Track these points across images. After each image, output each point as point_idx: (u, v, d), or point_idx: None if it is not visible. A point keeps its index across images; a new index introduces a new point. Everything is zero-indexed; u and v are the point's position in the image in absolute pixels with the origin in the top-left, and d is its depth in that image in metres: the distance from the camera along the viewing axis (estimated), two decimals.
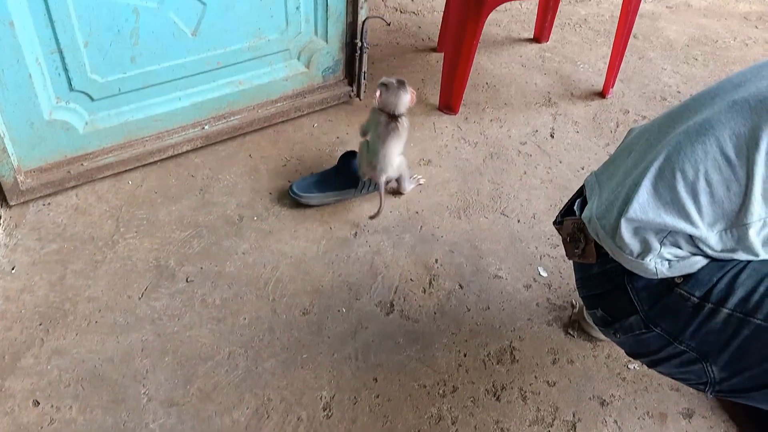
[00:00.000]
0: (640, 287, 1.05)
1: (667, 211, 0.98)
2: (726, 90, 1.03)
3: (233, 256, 1.62)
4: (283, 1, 1.81)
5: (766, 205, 0.93)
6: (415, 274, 1.62)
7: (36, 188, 1.68)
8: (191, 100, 1.83)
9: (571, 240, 1.16)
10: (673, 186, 0.97)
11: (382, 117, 1.71)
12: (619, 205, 1.03)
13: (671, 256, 1.00)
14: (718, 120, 0.97)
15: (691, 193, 0.96)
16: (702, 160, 0.96)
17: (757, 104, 0.95)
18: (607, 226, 1.05)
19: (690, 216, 0.96)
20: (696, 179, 0.96)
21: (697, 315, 1.00)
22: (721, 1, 2.99)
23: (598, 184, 1.14)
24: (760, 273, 0.98)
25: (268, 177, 1.85)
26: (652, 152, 1.03)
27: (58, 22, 1.50)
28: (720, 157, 0.95)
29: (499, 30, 2.60)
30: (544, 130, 2.10)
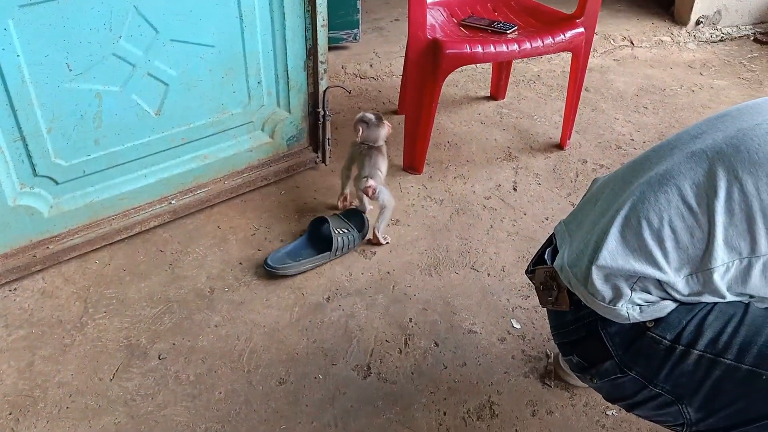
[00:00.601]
0: (613, 332, 1.07)
1: (635, 257, 1.01)
2: (684, 141, 1.09)
3: (206, 330, 1.61)
4: (245, 77, 1.86)
5: (728, 250, 0.97)
6: (390, 334, 1.63)
7: (1, 274, 1.66)
8: (157, 177, 1.85)
9: (544, 288, 1.18)
10: (639, 233, 1.02)
11: (363, 147, 1.89)
12: (589, 253, 1.06)
13: (642, 301, 1.03)
14: (678, 170, 1.03)
15: (656, 240, 1.00)
16: (665, 209, 1.01)
17: (713, 155, 1.01)
18: (578, 274, 1.08)
19: (657, 262, 1.00)
20: (661, 227, 1.00)
21: (670, 357, 1.02)
22: (665, 52, 3.13)
23: (568, 233, 1.18)
24: (726, 314, 1.01)
25: (238, 247, 1.86)
26: (618, 201, 1.08)
27: (20, 111, 1.52)
28: (682, 205, 1.00)
29: (457, 90, 2.68)
30: (507, 183, 2.15)
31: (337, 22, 2.74)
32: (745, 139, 1.00)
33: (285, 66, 1.92)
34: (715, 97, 2.74)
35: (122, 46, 1.60)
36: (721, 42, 3.28)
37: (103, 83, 1.62)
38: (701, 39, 3.26)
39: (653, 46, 3.17)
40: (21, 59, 1.48)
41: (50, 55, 1.51)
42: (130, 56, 1.63)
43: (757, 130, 1.01)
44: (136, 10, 1.58)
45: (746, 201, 0.96)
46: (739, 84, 2.87)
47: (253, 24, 1.80)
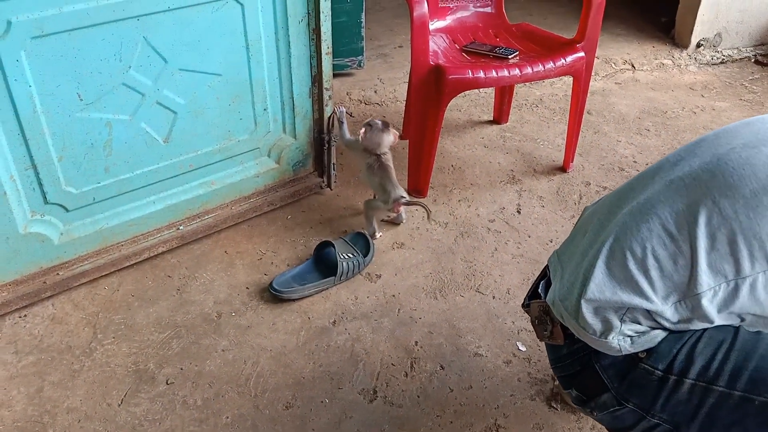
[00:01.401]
0: (607, 365, 1.08)
1: (622, 288, 1.02)
2: (664, 169, 1.11)
3: (213, 354, 1.62)
4: (251, 104, 1.90)
5: (714, 275, 0.98)
6: (396, 358, 1.64)
7: (12, 301, 1.69)
8: (165, 203, 1.88)
9: (539, 323, 1.19)
10: (624, 264, 1.03)
11: (369, 159, 1.95)
12: (578, 287, 1.07)
13: (632, 332, 1.04)
14: (657, 199, 1.05)
15: (641, 270, 1.01)
16: (647, 238, 1.02)
17: (691, 182, 1.03)
18: (569, 308, 1.08)
19: (644, 292, 1.01)
20: (644, 256, 1.01)
21: (664, 387, 1.03)
22: (666, 75, 3.17)
23: (560, 265, 1.19)
24: (715, 340, 1.01)
25: (245, 272, 1.87)
26: (603, 233, 1.09)
27: (32, 140, 1.56)
28: (663, 233, 1.01)
29: (460, 114, 2.72)
30: (511, 206, 2.17)
31: (341, 50, 2.79)
32: (719, 164, 1.02)
33: (291, 93, 1.96)
34: (716, 119, 2.77)
35: (132, 76, 1.64)
36: (722, 64, 3.31)
37: (114, 112, 1.65)
38: (702, 61, 3.29)
39: (654, 69, 3.20)
40: (33, 89, 1.51)
41: (61, 86, 1.55)
42: (140, 86, 1.66)
43: (732, 154, 1.02)
44: (146, 41, 1.62)
45: (726, 224, 0.97)
46: (741, 105, 2.89)
47: (260, 53, 1.83)
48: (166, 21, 1.63)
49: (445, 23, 2.35)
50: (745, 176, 0.98)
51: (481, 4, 2.41)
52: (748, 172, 0.98)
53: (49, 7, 1.45)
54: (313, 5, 1.85)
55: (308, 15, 1.86)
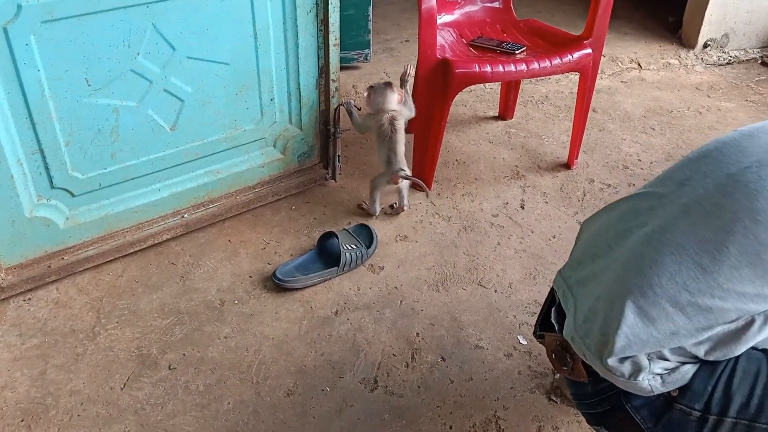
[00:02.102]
0: (639, 405, 1.04)
1: (658, 329, 0.97)
2: (672, 190, 1.06)
3: (215, 341, 1.63)
4: (258, 94, 1.90)
5: (756, 302, 0.95)
6: (398, 348, 1.64)
7: (16, 284, 1.70)
8: (170, 191, 1.88)
9: (557, 357, 1.14)
10: (656, 303, 0.98)
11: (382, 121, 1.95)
12: (601, 326, 1.02)
13: (662, 370, 1.00)
14: (676, 227, 1.00)
15: (677, 307, 0.97)
16: (677, 272, 0.97)
17: (712, 208, 0.99)
18: (592, 347, 1.03)
19: (681, 329, 0.97)
20: (677, 292, 0.97)
21: (703, 427, 0.99)
22: (673, 74, 3.16)
23: (571, 293, 1.13)
24: (751, 373, 0.98)
25: (248, 261, 1.88)
26: (618, 261, 1.05)
27: (39, 124, 1.57)
28: (693, 266, 0.97)
29: (466, 110, 2.72)
30: (515, 202, 2.18)
31: (348, 43, 2.79)
32: (738, 186, 0.98)
33: (297, 84, 1.97)
34: (722, 119, 2.77)
35: (140, 63, 1.65)
36: (729, 65, 3.31)
37: (121, 98, 1.66)
38: (709, 62, 3.29)
39: (661, 68, 3.20)
40: (41, 74, 1.52)
41: (70, 70, 1.55)
42: (148, 72, 1.67)
43: (748, 174, 0.99)
44: (154, 28, 1.62)
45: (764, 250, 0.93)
46: (746, 106, 2.89)
47: (267, 42, 1.84)
48: (176, 8, 1.63)
49: (452, 17, 2.35)
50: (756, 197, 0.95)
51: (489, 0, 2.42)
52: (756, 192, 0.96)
53: None
54: None
55: (317, 6, 1.87)
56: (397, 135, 1.96)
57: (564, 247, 1.98)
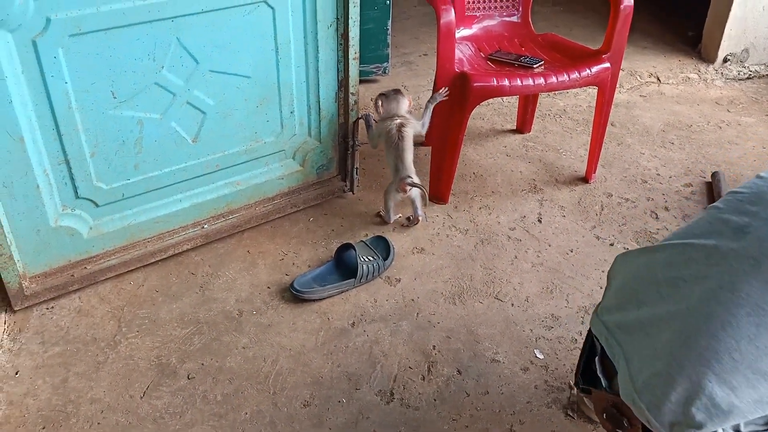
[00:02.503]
0: None
1: (740, 398, 0.90)
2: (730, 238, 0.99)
3: (233, 351, 1.65)
4: (278, 107, 1.93)
5: None
6: (414, 361, 1.65)
7: (40, 293, 1.73)
8: (191, 202, 1.91)
9: (609, 417, 1.08)
10: (736, 369, 0.90)
11: (390, 127, 1.98)
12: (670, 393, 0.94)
13: None
14: (750, 285, 0.92)
15: (758, 373, 0.90)
16: (756, 335, 0.90)
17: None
18: (661, 417, 0.95)
19: (764, 396, 0.90)
20: (758, 357, 0.90)
21: None
22: (692, 89, 3.15)
23: (616, 340, 1.06)
24: None
25: (267, 271, 1.90)
26: (678, 319, 0.97)
27: (65, 136, 1.60)
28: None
29: (483, 123, 2.73)
30: (532, 215, 2.18)
31: (367, 56, 2.81)
32: None
33: (317, 97, 1.99)
34: (742, 134, 2.75)
35: (164, 76, 1.68)
36: (749, 80, 3.29)
37: (145, 111, 1.69)
38: (728, 76, 3.27)
39: (680, 82, 3.19)
40: (69, 86, 1.56)
41: (96, 83, 1.59)
42: (171, 85, 1.70)
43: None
44: (179, 42, 1.66)
45: None
46: (767, 121, 2.87)
47: (288, 56, 1.87)
48: (199, 23, 1.66)
49: (471, 32, 2.37)
50: None
51: (507, 14, 2.43)
52: None
53: (87, 6, 1.50)
54: (342, 11, 1.88)
55: (337, 20, 1.89)
56: (404, 143, 1.98)
57: (581, 261, 1.98)
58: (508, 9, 2.42)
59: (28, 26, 1.45)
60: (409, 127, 2.00)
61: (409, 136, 2.00)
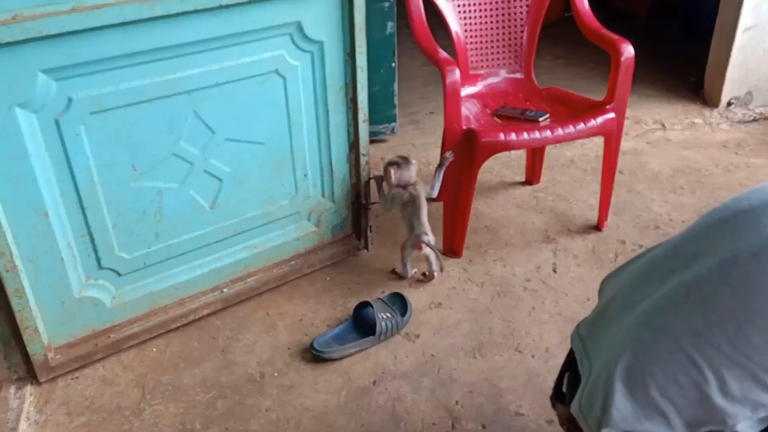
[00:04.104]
0: None
1: (647, 417, 0.94)
2: (683, 263, 1.01)
3: (257, 414, 1.65)
4: (292, 171, 1.98)
5: (746, 404, 0.90)
6: (437, 417, 1.64)
7: (65, 363, 1.75)
8: (210, 267, 1.95)
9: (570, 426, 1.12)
10: (646, 391, 0.94)
11: (402, 193, 2.04)
12: (599, 407, 0.99)
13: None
14: (675, 314, 0.96)
15: (665, 398, 0.93)
16: (669, 362, 0.93)
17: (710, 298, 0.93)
18: (593, 427, 1.00)
19: (670, 422, 0.93)
20: (667, 383, 0.93)
21: None
22: (698, 133, 3.19)
23: (587, 357, 1.09)
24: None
25: (286, 333, 1.92)
26: (619, 337, 1.02)
27: (88, 209, 1.65)
28: (685, 359, 0.92)
29: (492, 176, 2.77)
30: (547, 265, 2.19)
31: (375, 117, 2.88)
32: (741, 277, 0.92)
33: (329, 159, 2.04)
34: (752, 175, 2.77)
35: (182, 147, 1.74)
36: (755, 122, 3.32)
37: (164, 181, 1.75)
38: (734, 119, 3.31)
39: (685, 128, 3.24)
40: (91, 161, 1.62)
41: (117, 157, 1.65)
42: (189, 155, 1.76)
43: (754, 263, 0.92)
44: (195, 114, 1.72)
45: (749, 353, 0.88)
46: None
47: (300, 122, 1.93)
48: (215, 95, 1.73)
49: (476, 89, 2.44)
50: (754, 293, 0.90)
51: (511, 70, 2.50)
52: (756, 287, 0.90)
53: (107, 84, 1.57)
54: (351, 76, 1.95)
55: (346, 85, 1.96)
56: (416, 201, 2.03)
57: None
58: (511, 65, 2.49)
59: (51, 106, 1.52)
60: (419, 186, 2.06)
61: (421, 194, 2.05)
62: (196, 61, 1.67)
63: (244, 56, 1.75)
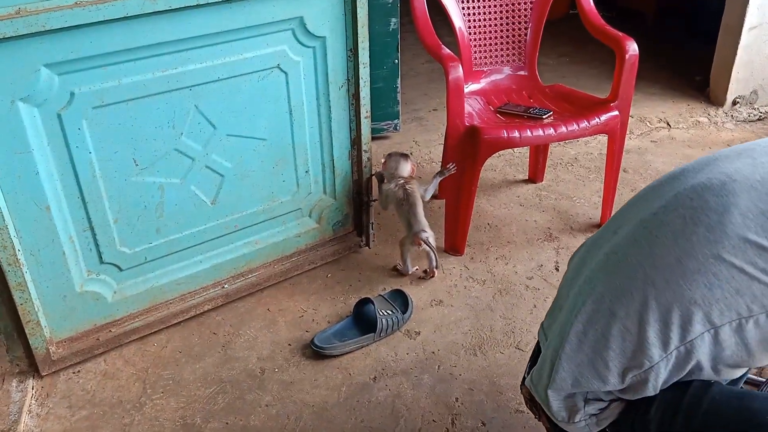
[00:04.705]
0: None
1: (583, 375, 1.04)
2: (607, 238, 1.12)
3: (257, 409, 1.65)
4: (294, 167, 1.98)
5: (662, 345, 0.98)
6: (437, 414, 1.64)
7: (66, 357, 1.76)
8: (212, 262, 1.95)
9: (531, 406, 1.21)
10: (580, 349, 1.04)
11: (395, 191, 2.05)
12: (546, 374, 1.09)
13: (596, 410, 1.08)
14: (598, 278, 1.06)
15: (596, 353, 1.02)
16: (596, 320, 1.03)
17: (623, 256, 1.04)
18: (541, 395, 1.10)
19: (602, 375, 1.02)
20: (597, 339, 1.02)
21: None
22: (703, 132, 3.18)
23: (546, 337, 1.18)
24: (664, 402, 1.02)
25: (287, 329, 1.92)
26: (565, 309, 1.11)
27: (90, 203, 1.66)
28: (608, 314, 1.01)
29: (495, 174, 2.77)
30: (549, 264, 2.19)
31: (378, 114, 2.89)
32: (644, 233, 1.03)
33: (331, 156, 2.04)
34: None
35: (183, 142, 1.74)
36: (760, 121, 3.31)
37: (166, 176, 1.75)
38: (739, 119, 3.30)
39: (690, 126, 3.23)
40: (92, 156, 1.62)
41: (119, 152, 1.65)
42: (191, 151, 1.77)
43: (654, 219, 1.03)
44: (197, 109, 1.73)
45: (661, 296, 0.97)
46: None
47: (302, 118, 1.93)
48: (216, 90, 1.74)
49: (479, 86, 2.43)
50: (667, 244, 0.99)
51: (514, 67, 2.49)
52: (670, 240, 0.99)
53: (109, 79, 1.57)
54: (353, 72, 1.95)
55: (348, 81, 1.96)
56: (411, 198, 2.03)
57: None
58: (514, 62, 2.49)
59: (54, 101, 1.52)
60: (412, 184, 2.06)
61: (416, 191, 2.05)
62: (198, 57, 1.67)
63: (246, 51, 1.75)
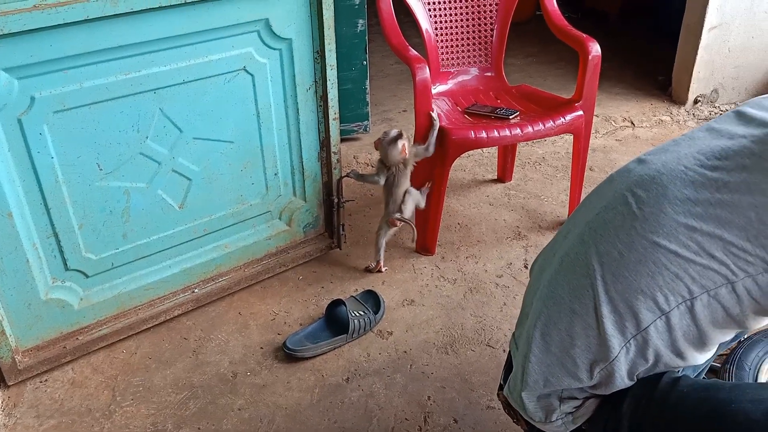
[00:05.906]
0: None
1: (554, 375, 1.07)
2: (559, 243, 1.17)
3: (229, 414, 1.64)
4: (262, 169, 1.97)
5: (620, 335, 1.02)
6: (410, 413, 1.65)
7: (33, 366, 1.72)
8: (181, 267, 1.93)
9: (508, 412, 1.24)
10: (549, 351, 1.08)
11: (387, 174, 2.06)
12: (519, 378, 1.13)
13: (571, 408, 1.11)
14: (557, 281, 1.10)
15: (564, 352, 1.06)
16: (558, 320, 1.07)
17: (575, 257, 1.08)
18: (517, 400, 1.14)
19: (572, 372, 1.06)
20: (562, 339, 1.06)
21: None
22: (666, 131, 3.24)
23: (516, 346, 1.21)
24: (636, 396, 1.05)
25: (258, 332, 1.91)
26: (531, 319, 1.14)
27: (53, 209, 1.63)
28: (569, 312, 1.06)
29: (465, 174, 2.79)
30: (518, 262, 2.21)
31: (347, 115, 2.89)
32: (590, 232, 1.08)
33: (300, 158, 2.04)
34: None
35: (149, 146, 1.72)
36: None
37: (131, 180, 1.73)
38: (700, 117, 3.37)
39: (654, 125, 3.29)
40: (55, 161, 1.59)
41: (82, 156, 1.63)
42: (156, 155, 1.75)
43: (597, 219, 1.08)
44: (162, 112, 1.71)
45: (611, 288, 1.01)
46: None
47: (270, 120, 1.92)
48: (182, 93, 1.72)
49: (446, 87, 2.45)
50: (610, 240, 1.04)
51: (482, 68, 2.52)
52: (612, 236, 1.04)
53: (70, 83, 1.55)
54: (320, 74, 1.95)
55: (315, 83, 1.96)
56: (397, 179, 2.05)
57: None
58: (481, 63, 2.51)
59: (13, 105, 1.50)
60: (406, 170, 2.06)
61: (406, 175, 2.06)
62: (162, 59, 1.66)
63: (211, 54, 1.74)
